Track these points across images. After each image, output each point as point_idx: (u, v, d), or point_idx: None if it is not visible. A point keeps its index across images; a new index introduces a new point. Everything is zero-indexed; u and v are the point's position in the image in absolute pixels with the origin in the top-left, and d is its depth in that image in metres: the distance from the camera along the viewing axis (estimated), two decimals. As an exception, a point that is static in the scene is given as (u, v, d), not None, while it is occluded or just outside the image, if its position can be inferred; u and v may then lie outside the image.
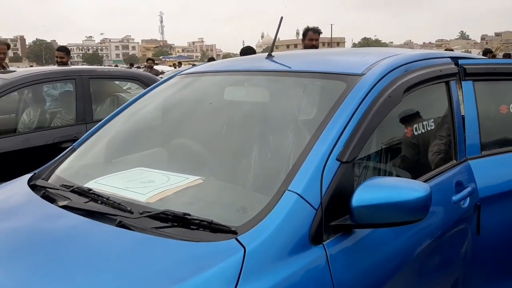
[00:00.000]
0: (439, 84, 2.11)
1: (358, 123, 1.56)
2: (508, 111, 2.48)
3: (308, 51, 3.21)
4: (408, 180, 1.51)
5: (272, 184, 1.47)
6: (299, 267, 1.28)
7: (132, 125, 2.31)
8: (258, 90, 2.18)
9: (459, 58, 2.28)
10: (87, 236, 1.43)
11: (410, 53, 2.07)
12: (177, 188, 1.60)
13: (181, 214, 1.39)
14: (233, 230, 1.32)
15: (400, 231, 1.57)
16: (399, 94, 1.74)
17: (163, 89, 2.41)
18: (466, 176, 2.06)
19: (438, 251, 1.84)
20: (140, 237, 1.36)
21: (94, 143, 2.20)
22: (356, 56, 2.22)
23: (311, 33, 4.89)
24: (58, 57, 6.10)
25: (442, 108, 2.16)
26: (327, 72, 1.89)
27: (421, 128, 1.95)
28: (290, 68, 2.12)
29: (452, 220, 1.91)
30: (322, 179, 1.41)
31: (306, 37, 4.92)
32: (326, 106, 1.67)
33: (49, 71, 4.38)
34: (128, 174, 1.81)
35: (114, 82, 5.30)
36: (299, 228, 1.33)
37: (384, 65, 1.80)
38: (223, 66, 2.48)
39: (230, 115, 2.14)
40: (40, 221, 1.58)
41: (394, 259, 1.61)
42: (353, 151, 1.50)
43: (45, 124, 4.22)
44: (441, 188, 1.90)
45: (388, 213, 1.37)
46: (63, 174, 1.96)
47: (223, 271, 1.19)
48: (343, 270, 1.39)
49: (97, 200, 1.59)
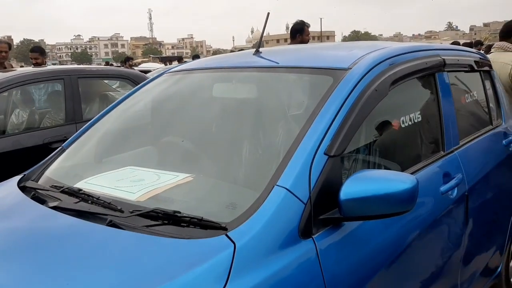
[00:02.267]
0: (425, 76, 2.14)
1: (345, 117, 1.57)
2: (467, 101, 2.64)
3: (296, 46, 3.22)
4: (395, 173, 1.53)
5: (261, 179, 1.48)
6: (289, 261, 1.30)
7: (122, 124, 2.31)
8: (246, 86, 2.19)
9: (441, 50, 2.33)
10: (78, 237, 1.44)
11: (396, 46, 2.09)
12: (167, 186, 1.60)
13: (171, 212, 1.40)
14: (223, 226, 1.33)
15: (389, 223, 1.59)
16: (386, 87, 1.76)
17: (152, 87, 2.41)
18: (454, 167, 2.09)
19: (428, 241, 1.87)
20: (131, 235, 1.37)
21: (84, 143, 2.20)
22: (343, 50, 2.24)
23: (306, 28, 4.84)
24: (32, 58, 5.84)
25: (429, 100, 2.19)
26: (314, 67, 1.91)
27: (408, 121, 1.97)
28: (277, 63, 2.13)
29: (441, 210, 1.94)
30: (310, 174, 1.43)
31: (304, 33, 4.82)
32: (313, 101, 1.69)
33: (37, 71, 4.35)
34: (118, 173, 1.81)
35: (103, 81, 5.28)
36: (289, 223, 1.35)
37: (370, 59, 1.82)
38: (211, 63, 2.48)
39: (219, 112, 2.14)
40: (30, 222, 1.58)
41: (384, 250, 1.64)
42: (340, 145, 1.52)
43: (35, 125, 4.20)
44: (428, 179, 1.93)
45: (375, 205, 1.39)
46: (53, 175, 1.96)
47: (214, 267, 1.21)
48: (333, 262, 1.41)
49: (88, 200, 1.59)
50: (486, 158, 2.50)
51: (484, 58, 2.94)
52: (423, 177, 1.85)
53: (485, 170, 2.39)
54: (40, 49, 6.14)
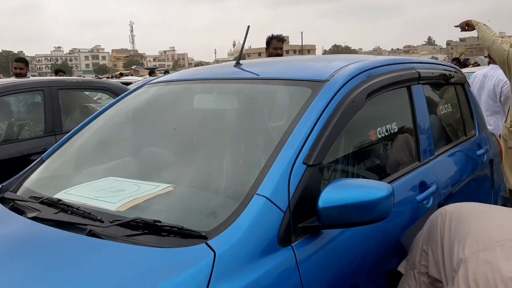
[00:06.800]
0: (400, 88, 2.20)
1: (323, 127, 1.61)
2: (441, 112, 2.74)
3: (276, 59, 3.27)
4: (371, 181, 1.57)
5: (241, 189, 1.50)
6: (269, 269, 1.31)
7: (102, 135, 2.30)
8: (226, 97, 2.22)
9: (416, 63, 2.41)
10: (58, 246, 1.43)
11: (373, 59, 2.15)
12: (148, 196, 1.61)
13: (152, 221, 1.40)
14: (203, 235, 1.34)
15: (368, 231, 1.62)
16: (362, 98, 1.81)
17: (132, 98, 2.42)
18: (429, 177, 2.14)
19: (405, 249, 1.91)
20: (111, 245, 1.37)
21: (64, 154, 2.19)
22: (321, 62, 2.29)
23: (275, 41, 4.81)
24: (17, 68, 5.93)
25: (405, 111, 2.25)
26: (294, 78, 1.95)
27: (384, 131, 2.02)
28: (258, 75, 2.17)
29: (417, 218, 1.99)
30: (289, 183, 1.45)
31: (270, 46, 4.82)
32: (292, 111, 1.72)
33: (16, 82, 4.31)
34: (98, 184, 1.81)
35: (83, 93, 5.24)
36: (268, 231, 1.37)
37: (348, 71, 1.87)
38: (192, 74, 2.51)
39: (199, 123, 2.16)
40: (9, 233, 1.56)
41: (361, 258, 1.66)
42: (318, 154, 1.55)
43: (13, 137, 4.14)
44: (405, 189, 1.98)
45: (353, 213, 1.42)
46: (32, 185, 1.94)
47: (194, 275, 1.22)
48: (312, 270, 1.43)
49: (67, 211, 1.58)
50: (461, 168, 2.57)
51: (458, 71, 3.04)
52: (400, 187, 1.90)
53: (459, 179, 2.45)
54: (25, 60, 6.31)
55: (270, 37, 4.89)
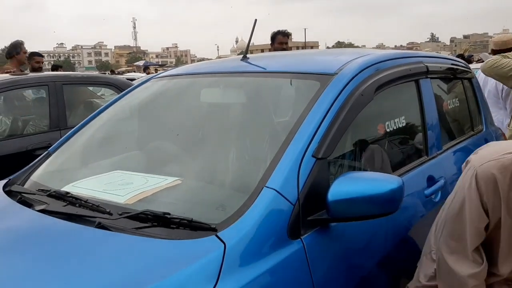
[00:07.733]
0: (409, 82, 2.19)
1: (332, 120, 1.60)
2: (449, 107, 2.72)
3: (283, 53, 3.26)
4: (380, 174, 1.56)
5: (250, 182, 1.50)
6: (278, 261, 1.31)
7: (109, 129, 2.30)
8: (234, 91, 2.21)
9: (424, 57, 2.40)
10: (67, 238, 1.43)
11: (381, 53, 2.14)
12: (156, 189, 1.61)
13: (161, 214, 1.40)
14: (213, 227, 1.33)
15: (377, 224, 1.61)
16: (371, 92, 1.80)
17: (139, 93, 2.41)
18: (437, 171, 2.13)
19: (414, 242, 1.90)
20: (121, 237, 1.37)
21: (70, 147, 2.19)
22: (330, 56, 2.28)
23: (280, 36, 4.79)
24: (40, 62, 6.03)
25: (413, 105, 2.24)
26: (302, 72, 1.94)
27: (393, 125, 2.01)
28: (265, 69, 2.16)
29: (425, 213, 1.98)
30: (298, 176, 1.45)
31: (275, 41, 4.80)
32: (301, 105, 1.71)
33: (21, 77, 4.31)
34: (106, 177, 1.80)
35: (88, 88, 5.24)
36: (278, 223, 1.36)
37: (356, 64, 1.86)
38: (198, 68, 2.50)
39: (207, 116, 2.16)
40: (18, 225, 1.56)
41: (370, 251, 1.66)
42: (328, 148, 1.54)
43: (18, 132, 4.14)
44: (414, 183, 1.97)
45: (362, 206, 1.41)
46: (39, 179, 1.94)
47: (205, 267, 1.21)
48: (321, 262, 1.43)
49: (75, 203, 1.58)
50: None
51: (466, 66, 3.02)
52: (408, 181, 1.88)
53: None
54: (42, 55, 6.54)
55: (275, 32, 4.87)
